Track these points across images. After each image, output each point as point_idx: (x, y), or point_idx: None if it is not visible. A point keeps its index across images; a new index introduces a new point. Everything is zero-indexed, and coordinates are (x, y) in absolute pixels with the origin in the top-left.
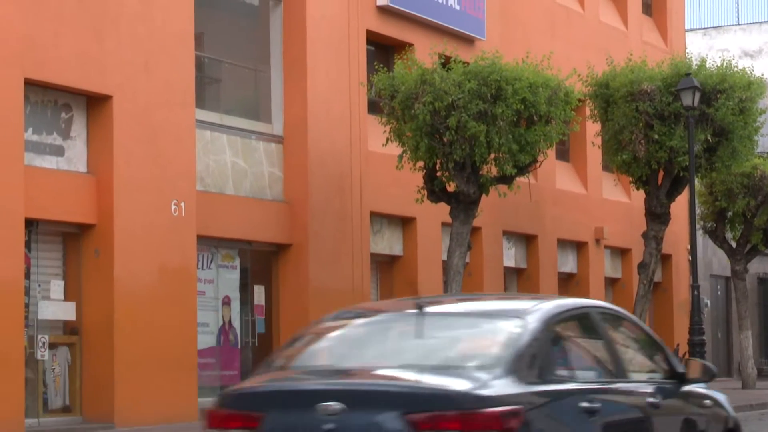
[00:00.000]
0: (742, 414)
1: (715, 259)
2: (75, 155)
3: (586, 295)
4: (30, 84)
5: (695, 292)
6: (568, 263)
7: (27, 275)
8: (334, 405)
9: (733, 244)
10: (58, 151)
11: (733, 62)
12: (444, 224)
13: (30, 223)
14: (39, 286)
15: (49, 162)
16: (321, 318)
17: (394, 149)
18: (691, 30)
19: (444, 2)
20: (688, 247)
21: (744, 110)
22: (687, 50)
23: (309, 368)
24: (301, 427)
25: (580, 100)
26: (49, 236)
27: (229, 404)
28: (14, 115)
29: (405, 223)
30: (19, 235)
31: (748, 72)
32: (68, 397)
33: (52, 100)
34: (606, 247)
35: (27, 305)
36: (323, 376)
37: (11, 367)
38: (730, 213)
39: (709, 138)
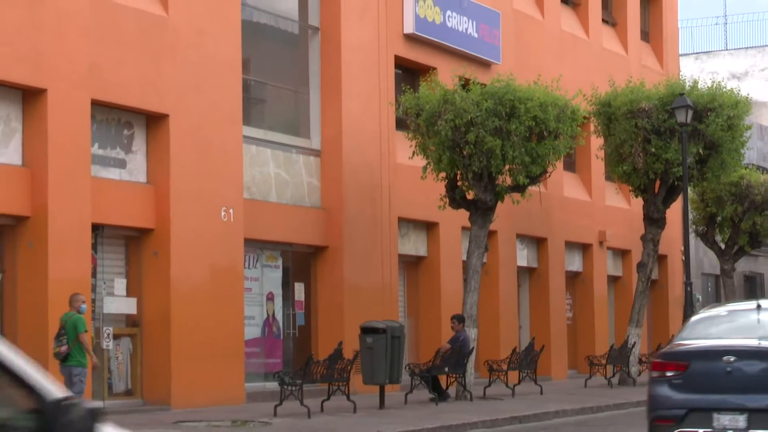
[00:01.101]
0: None
1: (706, 259)
2: (136, 167)
3: (591, 292)
4: (96, 104)
5: (688, 289)
6: (575, 263)
7: (93, 274)
8: (732, 357)
9: (722, 246)
10: (121, 164)
11: (722, 84)
12: (464, 228)
13: (96, 228)
14: (104, 283)
15: (113, 173)
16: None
17: (419, 161)
18: (684, 54)
19: (464, 30)
20: (682, 248)
21: (732, 126)
22: (681, 73)
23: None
24: (712, 369)
25: (585, 118)
26: (113, 239)
27: (667, 357)
28: (82, 132)
29: (429, 227)
30: (87, 238)
31: (736, 92)
32: (130, 382)
33: (116, 118)
34: (608, 248)
35: (93, 300)
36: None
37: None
38: (719, 218)
39: (700, 151)
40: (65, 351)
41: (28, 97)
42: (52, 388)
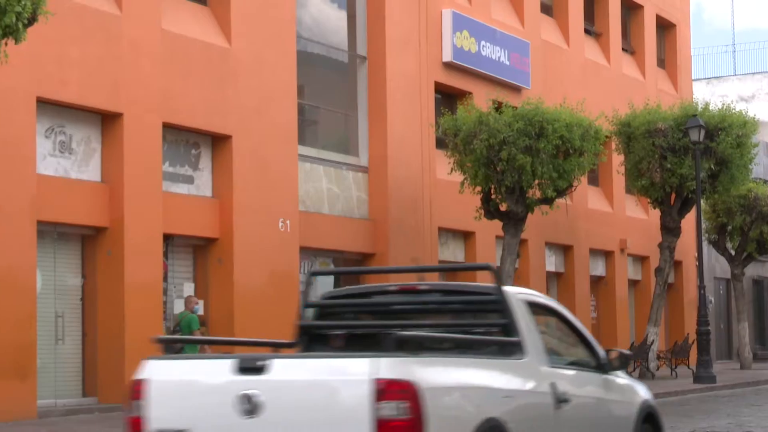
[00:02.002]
0: (741, 390)
1: (717, 265)
2: (202, 183)
3: (613, 295)
4: (167, 127)
5: (701, 292)
6: (598, 268)
7: (165, 278)
8: None
9: (732, 253)
10: (189, 180)
11: (731, 106)
12: (497, 237)
13: (167, 237)
14: (174, 287)
15: (182, 188)
16: None
17: (457, 177)
18: (697, 80)
19: (497, 59)
20: (696, 254)
21: (740, 144)
22: (693, 96)
23: None
24: None
25: (607, 137)
26: (182, 247)
27: None
28: (155, 152)
29: (466, 236)
30: (159, 246)
31: (744, 114)
32: None
33: (185, 139)
34: (629, 255)
35: (165, 302)
36: None
37: (153, 350)
38: (729, 227)
39: (712, 167)
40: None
41: (107, 120)
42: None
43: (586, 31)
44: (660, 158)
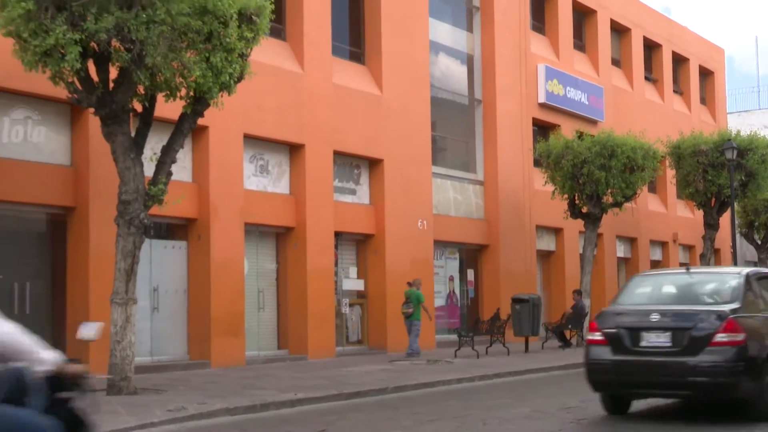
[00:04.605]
0: None
1: (748, 252)
2: (362, 194)
3: None
4: (336, 154)
5: None
6: (656, 254)
7: (335, 264)
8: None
9: (759, 242)
10: (352, 192)
11: (757, 132)
12: (580, 232)
13: (337, 234)
14: (342, 270)
15: (347, 198)
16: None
17: (549, 188)
18: (730, 113)
19: (578, 99)
20: (731, 244)
21: (765, 161)
22: (728, 125)
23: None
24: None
25: (662, 157)
26: (348, 242)
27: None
28: (327, 171)
29: (556, 231)
30: (331, 241)
31: (767, 138)
32: (360, 334)
33: (349, 162)
34: (679, 244)
35: (336, 282)
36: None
37: (328, 318)
38: (756, 223)
39: (743, 178)
40: (411, 311)
41: (293, 150)
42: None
43: (646, 78)
44: (703, 172)
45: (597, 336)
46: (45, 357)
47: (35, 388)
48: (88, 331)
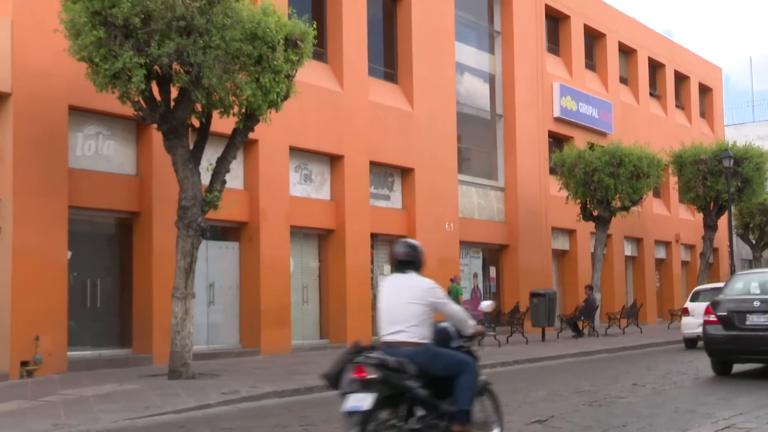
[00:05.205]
0: None
1: (743, 251)
2: (395, 199)
3: (671, 271)
4: (372, 163)
5: (732, 269)
6: (660, 253)
7: (372, 262)
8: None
9: (753, 242)
10: (386, 198)
11: (752, 142)
12: (591, 233)
13: (373, 236)
14: (377, 268)
15: (381, 203)
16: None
17: (563, 193)
18: (727, 125)
19: (590, 114)
20: (728, 243)
21: (758, 168)
22: (725, 136)
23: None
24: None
25: (666, 165)
26: (382, 242)
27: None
28: (364, 180)
29: (570, 232)
30: (367, 241)
31: (760, 148)
32: None
33: (383, 171)
34: (681, 244)
35: (372, 278)
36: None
37: (365, 310)
38: (751, 225)
39: (739, 184)
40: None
41: (334, 160)
42: None
43: (651, 94)
44: (702, 179)
45: (712, 317)
46: (471, 323)
47: (454, 338)
48: (487, 305)
